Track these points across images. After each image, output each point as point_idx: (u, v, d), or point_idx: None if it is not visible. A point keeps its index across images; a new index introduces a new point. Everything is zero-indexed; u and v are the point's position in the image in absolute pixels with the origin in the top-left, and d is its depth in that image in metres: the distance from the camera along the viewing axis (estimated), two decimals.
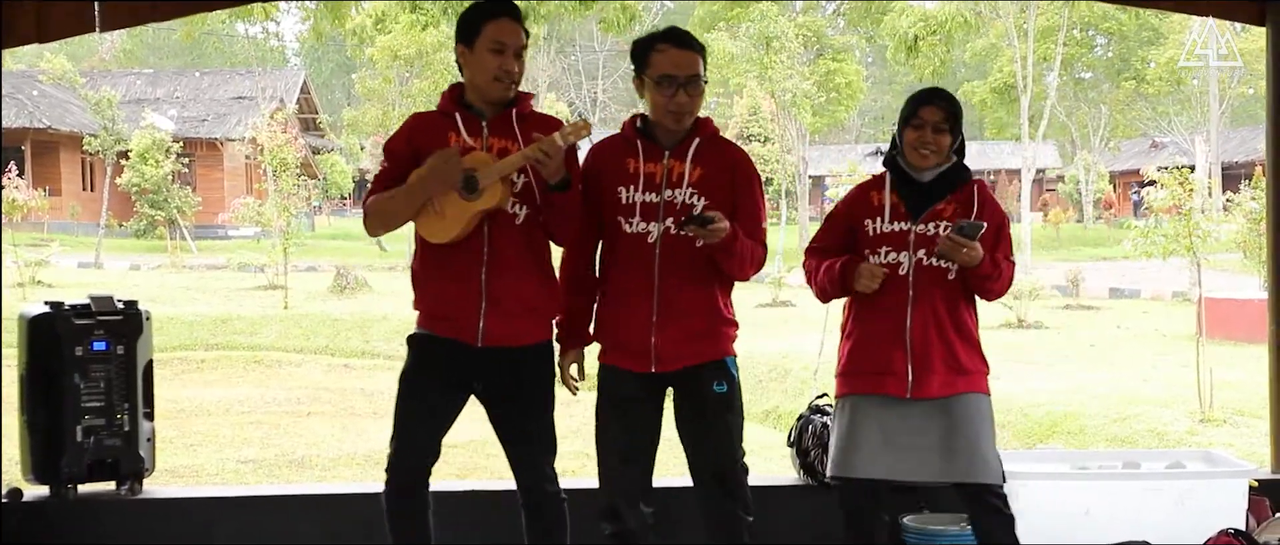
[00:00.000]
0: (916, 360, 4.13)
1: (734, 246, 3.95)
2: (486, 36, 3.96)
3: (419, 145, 4.02)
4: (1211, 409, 10.30)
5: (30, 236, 26.90)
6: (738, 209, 4.05)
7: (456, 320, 3.99)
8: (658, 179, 4.04)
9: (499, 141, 4.01)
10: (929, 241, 4.13)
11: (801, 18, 35.65)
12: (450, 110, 4.05)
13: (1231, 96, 43.43)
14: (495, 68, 3.97)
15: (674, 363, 4.06)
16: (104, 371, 5.02)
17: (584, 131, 3.88)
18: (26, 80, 38.12)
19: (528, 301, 4.04)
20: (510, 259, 4.00)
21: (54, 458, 4.97)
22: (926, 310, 4.13)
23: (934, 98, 4.20)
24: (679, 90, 3.99)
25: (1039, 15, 31.61)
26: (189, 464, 9.85)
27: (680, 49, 4.02)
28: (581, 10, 16.00)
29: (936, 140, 4.15)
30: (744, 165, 4.16)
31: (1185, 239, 11.82)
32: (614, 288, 4.12)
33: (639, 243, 4.03)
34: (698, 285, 4.05)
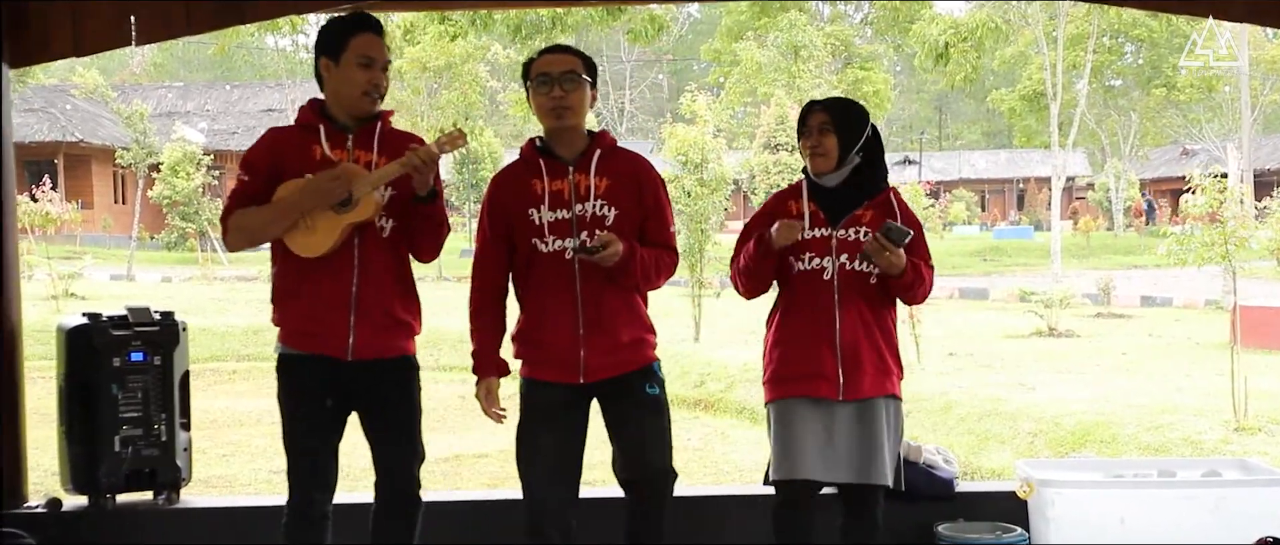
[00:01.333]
0: (846, 362, 4.20)
1: (631, 264, 3.98)
2: (353, 50, 3.97)
3: (281, 159, 4.00)
4: (1246, 418, 10.23)
5: (63, 249, 27.11)
6: (647, 220, 4.11)
7: (325, 336, 3.99)
8: (566, 195, 4.06)
9: (365, 155, 4.01)
10: (851, 246, 4.22)
11: (829, 26, 35.70)
12: (313, 122, 4.03)
13: (1263, 103, 43.15)
14: (364, 82, 3.98)
15: (602, 372, 4.08)
16: (141, 382, 5.06)
17: (460, 142, 3.92)
18: (59, 94, 38.48)
19: (396, 314, 4.06)
20: (379, 272, 4.01)
21: (92, 468, 5.00)
22: (853, 313, 4.22)
23: (818, 103, 4.32)
24: (554, 85, 4.03)
25: (1068, 22, 31.50)
26: (222, 474, 9.90)
27: (552, 54, 4.09)
28: (608, 20, 16.02)
29: (822, 141, 4.25)
30: (648, 172, 4.19)
31: (1220, 246, 11.74)
32: (536, 306, 4.13)
33: (557, 260, 4.04)
34: (619, 295, 4.08)
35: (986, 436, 10.87)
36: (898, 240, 4.08)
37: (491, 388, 4.17)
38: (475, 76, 32.02)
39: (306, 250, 3.94)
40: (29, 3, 4.64)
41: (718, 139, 19.26)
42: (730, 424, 12.69)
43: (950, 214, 46.38)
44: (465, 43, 25.47)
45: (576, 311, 4.04)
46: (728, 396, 13.62)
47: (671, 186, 18.42)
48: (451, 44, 26.14)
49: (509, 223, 4.10)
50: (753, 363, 14.58)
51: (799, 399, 4.25)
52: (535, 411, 4.14)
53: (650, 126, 58.00)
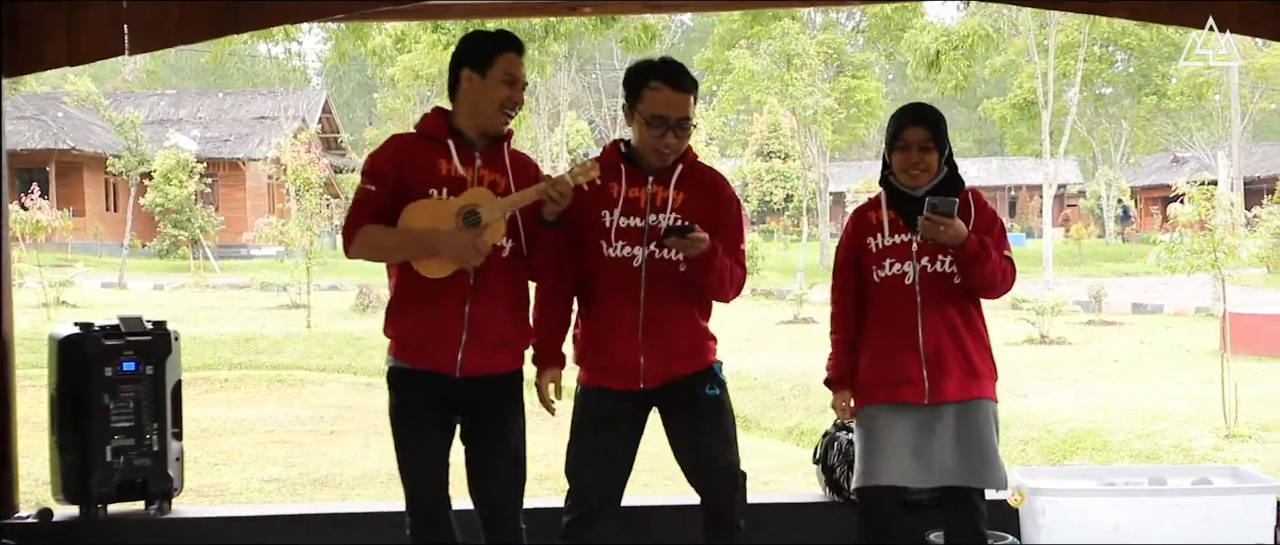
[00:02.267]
0: (931, 366, 4.17)
1: (714, 261, 3.98)
2: (500, 67, 3.98)
3: (406, 170, 3.98)
4: (1237, 425, 10.26)
5: (54, 257, 27.06)
6: (719, 232, 4.08)
7: (434, 350, 3.99)
8: (642, 204, 4.07)
9: (490, 174, 4.01)
10: (930, 250, 4.19)
11: (822, 35, 35.71)
12: (441, 136, 4.02)
13: (1254, 111, 43.29)
14: (505, 97, 3.98)
15: (661, 378, 4.09)
16: (133, 392, 5.06)
17: (594, 172, 3.91)
18: (51, 102, 38.40)
19: (505, 334, 4.06)
20: (494, 291, 4.01)
21: (84, 478, 5.00)
22: (936, 316, 4.19)
23: (915, 119, 4.26)
24: (668, 131, 4.02)
25: (1059, 31, 31.55)
26: (213, 483, 9.88)
27: (674, 90, 4.02)
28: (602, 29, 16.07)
29: (924, 158, 4.22)
30: (725, 190, 4.21)
31: (1209, 254, 11.78)
32: (598, 310, 4.14)
33: (623, 266, 4.05)
34: (681, 306, 4.09)
35: None
36: (945, 211, 4.04)
37: (553, 378, 4.20)
38: None
39: (431, 271, 3.94)
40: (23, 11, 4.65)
41: (711, 146, 19.28)
42: None
43: None
44: None
45: (638, 319, 4.05)
46: None
47: None
48: (444, 52, 26.13)
49: (581, 221, 4.09)
50: (747, 370, 14.60)
51: (884, 405, 4.24)
52: (590, 418, 4.17)
53: None
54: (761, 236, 37.85)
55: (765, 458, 11.27)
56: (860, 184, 17.19)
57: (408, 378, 4.07)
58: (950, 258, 4.17)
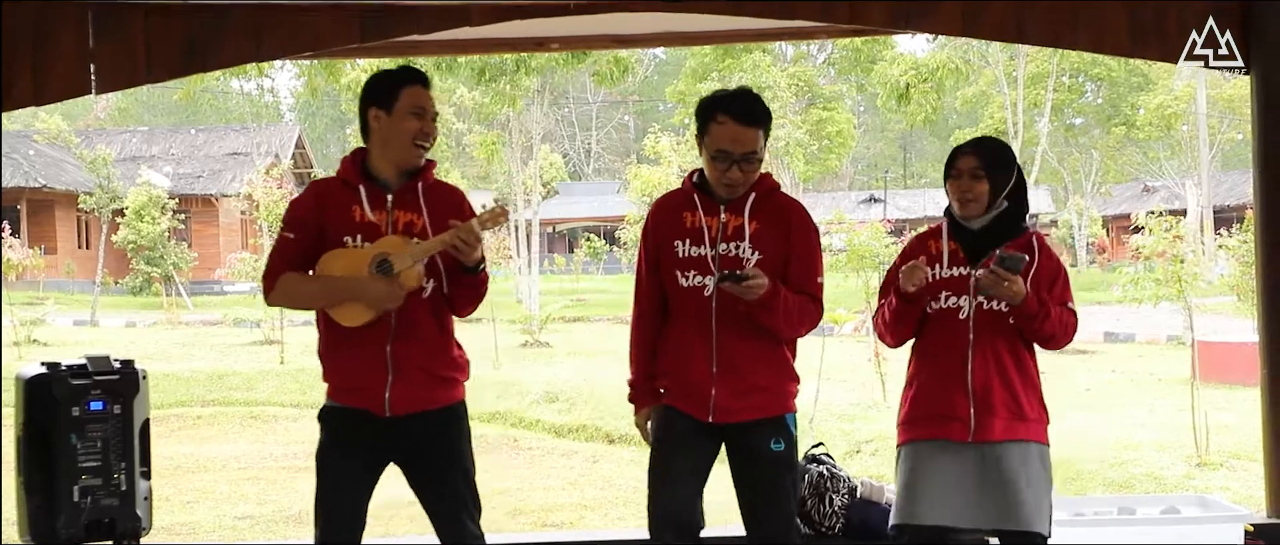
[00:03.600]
0: (978, 404, 4.10)
1: (774, 303, 3.91)
2: (405, 101, 3.96)
3: (325, 216, 4.00)
4: (1207, 453, 10.31)
5: (26, 295, 26.89)
6: (791, 263, 4.04)
7: (364, 392, 3.99)
8: (713, 232, 4.03)
9: (404, 215, 3.99)
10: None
11: (793, 68, 35.90)
12: (354, 181, 4.02)
13: (1222, 141, 43.70)
14: (415, 130, 3.97)
15: (732, 415, 4.04)
16: (101, 431, 5.04)
17: (502, 218, 3.90)
18: (22, 140, 38.24)
19: (435, 372, 4.04)
20: (417, 333, 3.99)
21: (51, 518, 4.97)
22: (987, 354, 4.12)
23: (968, 146, 4.24)
24: (733, 166, 3.98)
25: (1028, 62, 31.83)
26: (186, 521, 9.81)
27: (740, 125, 3.97)
28: (574, 63, 16.11)
29: (974, 187, 4.15)
30: (800, 219, 4.12)
31: (1175, 284, 11.86)
32: (674, 340, 4.11)
33: (696, 296, 4.02)
34: (757, 339, 4.02)
35: None
36: (1013, 268, 3.99)
37: (649, 417, 4.19)
38: (440, 118, 31.97)
39: (348, 320, 3.94)
40: None
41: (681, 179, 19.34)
42: None
43: None
44: None
45: (711, 350, 4.01)
46: None
47: (637, 227, 18.53)
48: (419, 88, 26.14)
49: (659, 251, 4.10)
50: None
51: (928, 442, 4.17)
52: (668, 435, 4.13)
53: (616, 167, 58.16)
54: None
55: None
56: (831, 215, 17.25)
57: (337, 416, 4.08)
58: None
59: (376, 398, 3.97)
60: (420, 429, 4.03)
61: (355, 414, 4.01)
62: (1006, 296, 4.02)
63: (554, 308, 22.55)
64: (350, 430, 4.04)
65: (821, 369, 13.50)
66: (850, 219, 16.48)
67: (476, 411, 4.24)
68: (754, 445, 4.06)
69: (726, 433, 4.09)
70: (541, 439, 14.15)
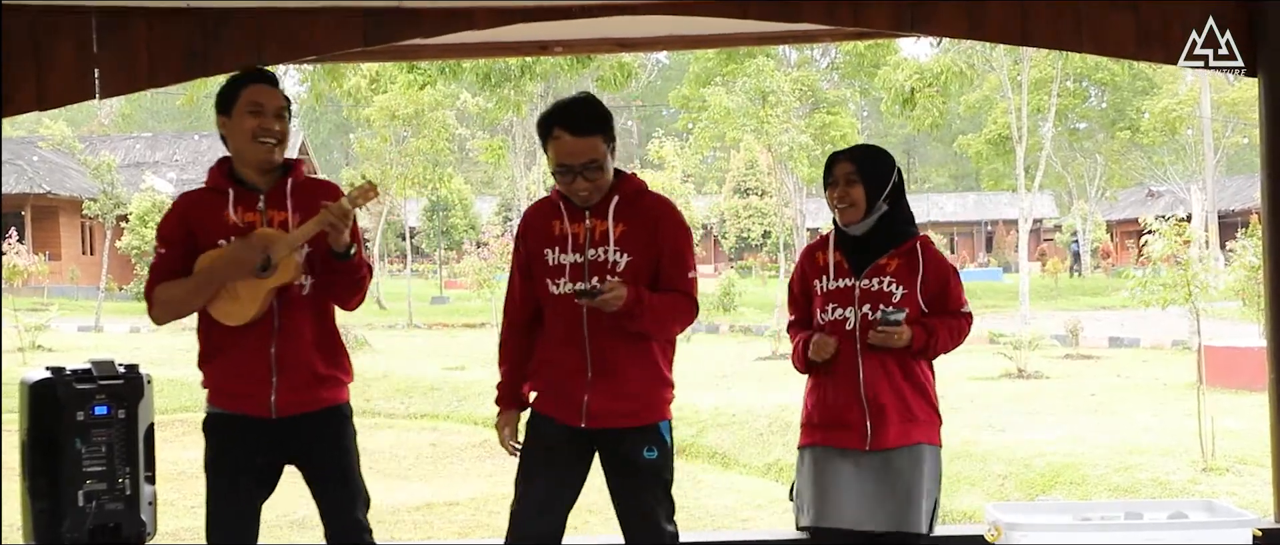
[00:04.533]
0: (872, 413, 4.20)
1: (638, 310, 3.91)
2: (243, 101, 3.99)
3: (194, 225, 4.03)
4: (1213, 458, 10.28)
5: (30, 301, 26.91)
6: (661, 262, 4.05)
7: (248, 395, 4.00)
8: (581, 239, 4.04)
9: (278, 214, 4.01)
10: (873, 297, 4.22)
11: (796, 72, 35.85)
12: (222, 186, 4.04)
13: (1226, 145, 43.64)
14: (253, 126, 3.97)
15: (604, 421, 4.04)
16: (105, 436, 5.02)
17: (372, 194, 3.93)
18: (26, 146, 38.32)
19: (319, 371, 4.06)
20: (299, 331, 4.01)
21: (56, 523, 4.96)
22: (876, 364, 4.21)
23: (843, 153, 4.33)
24: (576, 177, 3.97)
25: (1032, 67, 31.78)
26: (190, 526, 9.80)
27: (574, 136, 3.95)
28: (578, 68, 16.09)
29: (849, 193, 4.24)
30: (668, 217, 4.12)
31: (1183, 288, 11.83)
32: (548, 346, 4.12)
33: (567, 303, 4.01)
34: (631, 345, 4.02)
35: (957, 478, 10.89)
36: (894, 323, 4.12)
37: (510, 421, 4.19)
38: (444, 124, 32.03)
39: (231, 318, 3.95)
40: None
41: (686, 184, 19.32)
42: (701, 469, 12.66)
43: None
44: (434, 91, 25.46)
45: (584, 357, 4.02)
46: (699, 441, 13.59)
47: None
48: (420, 92, 26.16)
49: (530, 258, 4.12)
50: (723, 407, 14.59)
51: (830, 448, 4.26)
52: (536, 444, 4.14)
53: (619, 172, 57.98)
54: (738, 273, 37.87)
55: (742, 494, 11.25)
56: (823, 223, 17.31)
57: (221, 424, 4.09)
58: (893, 308, 4.19)
59: (262, 401, 3.98)
60: (308, 429, 4.05)
61: (240, 420, 4.03)
62: (895, 346, 4.16)
63: None
64: (237, 438, 4.05)
65: None
66: None
67: (481, 416, 4.25)
68: (626, 453, 4.07)
69: (598, 439, 4.09)
70: None
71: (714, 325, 26.46)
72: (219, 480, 4.10)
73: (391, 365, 18.53)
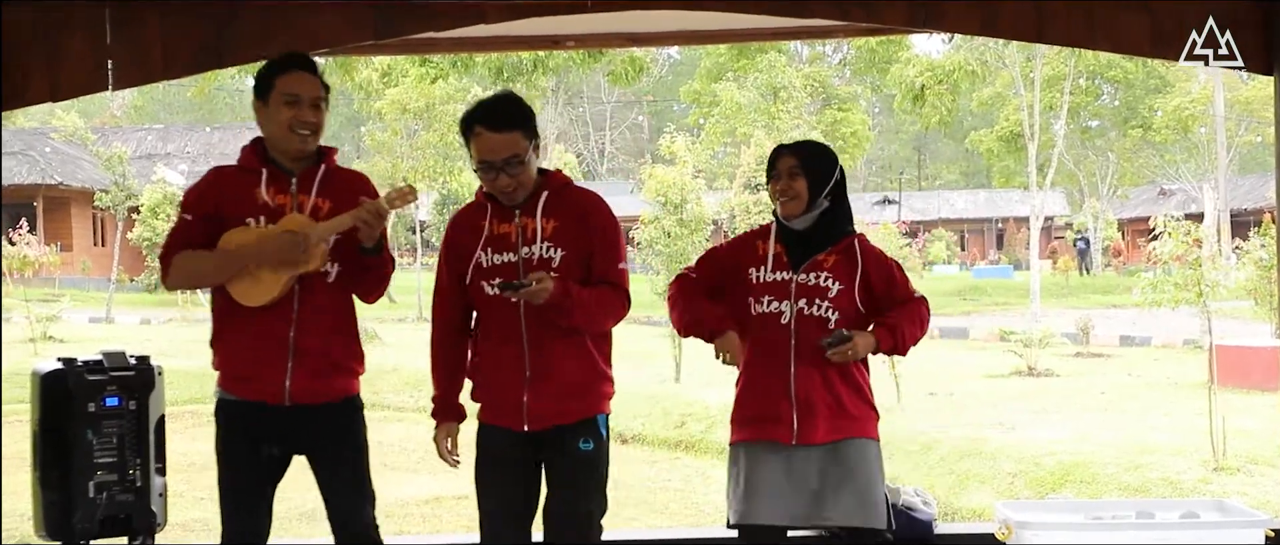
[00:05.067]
0: (800, 408, 4.17)
1: (566, 303, 3.90)
2: (279, 89, 3.99)
3: (223, 200, 4.04)
4: (1225, 458, 10.26)
5: (42, 292, 26.97)
6: (593, 256, 4.05)
7: (262, 381, 3.99)
8: (513, 238, 4.03)
9: (308, 199, 4.02)
10: (810, 292, 4.20)
11: (808, 68, 35.88)
12: (254, 166, 4.05)
13: (1240, 144, 43.53)
14: (289, 118, 3.98)
15: (546, 421, 4.03)
16: (116, 427, 5.02)
17: (411, 197, 3.93)
18: (39, 137, 38.41)
19: (335, 358, 4.07)
20: (319, 318, 4.01)
21: (66, 514, 4.96)
22: (808, 359, 4.18)
23: (786, 147, 4.33)
24: (498, 174, 3.96)
25: (1045, 64, 31.68)
26: (200, 518, 9.82)
27: (494, 132, 3.93)
28: (590, 63, 16.10)
29: (792, 185, 4.23)
30: (597, 211, 4.11)
31: (1194, 287, 11.80)
32: (485, 349, 4.11)
33: (502, 304, 3.99)
34: (568, 340, 4.02)
35: (966, 477, 10.88)
36: (841, 341, 4.10)
37: (449, 433, 4.18)
38: (455, 117, 31.89)
39: (250, 299, 3.95)
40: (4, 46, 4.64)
41: (697, 179, 19.30)
42: (711, 464, 12.65)
43: (930, 253, 46.52)
44: (445, 84, 25.47)
45: (522, 356, 4.00)
46: (708, 437, 13.59)
47: (651, 227, 18.51)
48: (431, 86, 26.17)
49: (461, 264, 4.09)
50: (724, 400, 14.55)
51: (758, 442, 4.24)
52: (486, 456, 4.13)
53: (630, 167, 58.13)
54: None
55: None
56: None
57: (232, 410, 4.09)
58: (829, 304, 4.18)
59: (275, 387, 3.98)
60: (322, 419, 4.04)
61: (252, 407, 4.03)
62: (859, 355, 4.17)
63: None
64: (248, 424, 4.05)
65: None
66: (862, 220, 16.43)
67: None
68: (564, 448, 4.06)
69: (540, 438, 4.07)
70: None
71: None
72: (230, 467, 4.11)
73: (401, 358, 18.52)
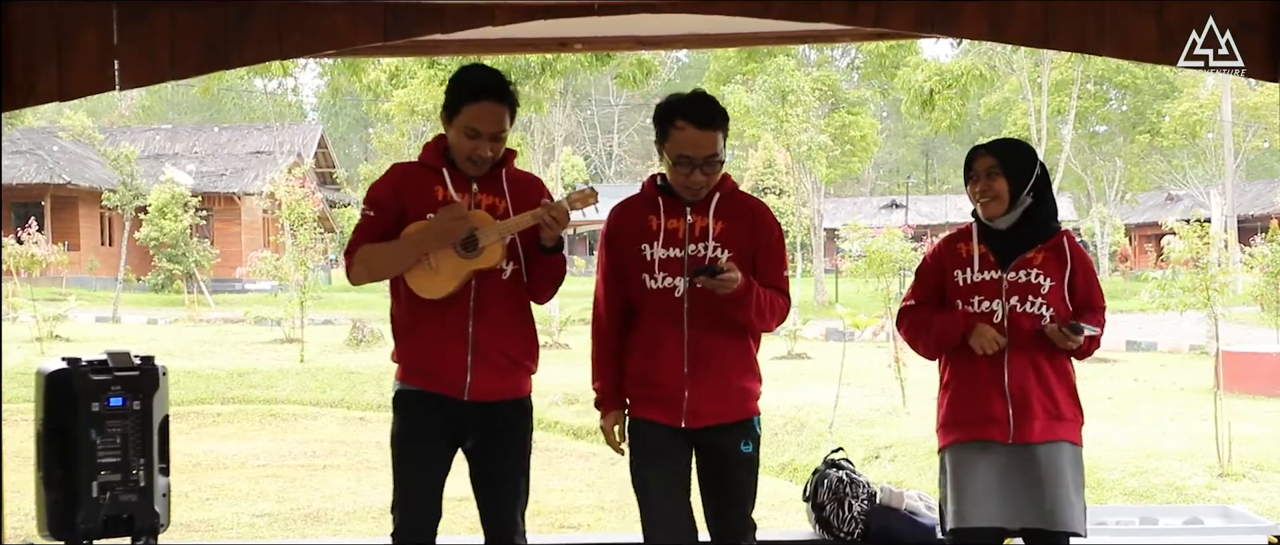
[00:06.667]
0: (1017, 406, 4.14)
1: (747, 298, 3.93)
2: (464, 117, 3.98)
3: (405, 197, 4.04)
4: (1230, 463, 10.24)
5: (49, 291, 27.00)
6: (758, 260, 4.07)
7: (443, 375, 4.00)
8: (681, 235, 4.05)
9: (487, 198, 4.04)
10: (1021, 289, 4.17)
11: (816, 72, 35.81)
12: (437, 165, 4.07)
13: (1247, 150, 43.43)
14: (468, 150, 3.99)
15: (704, 419, 4.05)
16: (120, 427, 5.03)
17: (592, 200, 3.95)
18: (46, 136, 38.45)
19: (513, 355, 4.08)
20: (497, 314, 4.02)
21: (70, 513, 4.97)
22: (1023, 356, 4.16)
23: (984, 147, 4.29)
24: (696, 170, 3.99)
25: (1053, 69, 31.71)
26: (205, 518, 9.84)
27: (699, 129, 3.97)
28: (598, 65, 16.11)
29: (991, 186, 4.21)
30: (765, 217, 4.16)
31: (1202, 292, 11.78)
32: (644, 342, 4.11)
33: (666, 298, 4.02)
34: (729, 339, 4.05)
35: None
36: (1078, 330, 4.09)
37: (616, 420, 4.19)
38: None
39: (427, 291, 3.96)
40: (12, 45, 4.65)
41: None
42: None
43: None
44: None
45: (683, 351, 4.02)
46: None
47: None
48: (439, 88, 26.13)
49: (623, 257, 4.11)
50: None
51: (971, 444, 4.20)
52: (643, 450, 4.13)
53: (639, 170, 58.18)
54: None
55: (760, 494, 11.22)
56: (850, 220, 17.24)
57: (412, 401, 4.08)
58: (1042, 300, 4.15)
59: (457, 381, 3.99)
60: (497, 419, 4.06)
61: (433, 399, 4.03)
62: (1063, 347, 4.13)
63: (573, 310, 22.60)
64: (428, 416, 4.05)
65: (841, 374, 13.46)
66: (865, 225, 16.40)
67: None
68: (724, 447, 4.10)
69: (697, 437, 4.10)
70: (560, 440, 14.15)
71: None
72: (409, 456, 4.09)
73: None
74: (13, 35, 4.59)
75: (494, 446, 4.10)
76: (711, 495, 4.16)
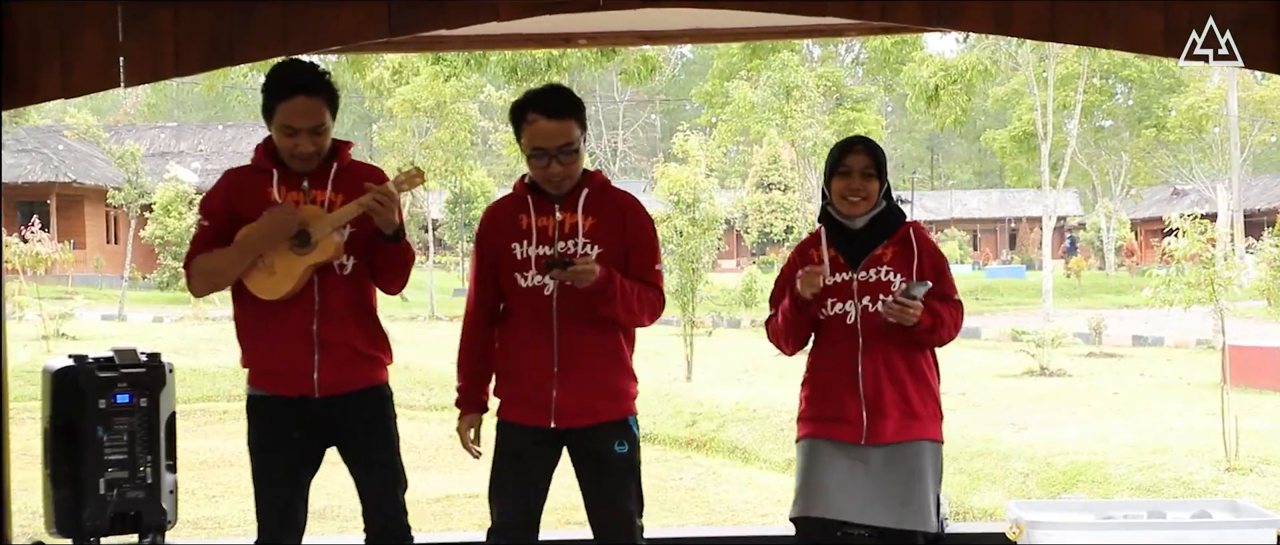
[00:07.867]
0: (870, 407, 4.15)
1: (610, 289, 3.91)
2: (279, 116, 3.95)
3: (237, 202, 4.03)
4: (1237, 458, 10.23)
5: (55, 290, 27.04)
6: (631, 255, 4.06)
7: (290, 375, 4.01)
8: (551, 232, 4.03)
9: (321, 194, 4.01)
10: (872, 288, 4.17)
11: (821, 68, 35.84)
12: (266, 166, 4.04)
13: (1253, 144, 43.38)
14: (289, 148, 3.97)
15: (574, 419, 4.03)
16: (127, 424, 5.02)
17: (418, 180, 3.95)
18: (52, 135, 38.50)
19: (359, 348, 4.07)
20: (340, 310, 4.02)
21: (77, 511, 4.96)
22: (877, 357, 4.16)
23: (857, 144, 4.28)
24: (551, 161, 3.97)
25: (1058, 63, 31.63)
26: (211, 515, 9.85)
27: (549, 119, 3.96)
28: (603, 62, 16.08)
29: (864, 186, 4.20)
30: (635, 211, 4.14)
31: (1207, 287, 11.77)
32: (513, 341, 4.10)
33: (535, 296, 4.01)
34: (600, 337, 4.03)
35: (978, 476, 10.85)
36: (913, 296, 4.05)
37: (472, 423, 4.18)
38: (466, 116, 32.05)
39: (267, 292, 3.96)
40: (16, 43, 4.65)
41: (710, 178, 19.28)
42: (722, 463, 12.65)
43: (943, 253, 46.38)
44: (456, 82, 25.47)
45: (552, 350, 4.00)
46: (719, 436, 13.58)
47: (663, 226, 18.47)
48: (444, 84, 26.16)
49: (496, 256, 4.09)
50: (744, 402, 14.56)
51: (824, 440, 4.22)
52: (504, 453, 4.13)
53: (643, 166, 58.12)
54: (761, 268, 37.84)
55: (762, 489, 11.23)
56: None
57: (263, 406, 4.11)
58: (893, 296, 4.13)
59: (304, 380, 4.00)
60: (352, 409, 4.06)
61: (283, 402, 4.04)
62: (904, 321, 4.07)
63: None
64: (281, 420, 4.06)
65: None
66: None
67: None
68: (597, 448, 4.07)
69: (568, 438, 4.08)
70: None
71: (736, 320, 26.40)
72: (264, 462, 4.12)
73: (413, 357, 18.57)
74: (16, 33, 4.59)
75: (359, 437, 4.12)
76: (589, 496, 4.14)
